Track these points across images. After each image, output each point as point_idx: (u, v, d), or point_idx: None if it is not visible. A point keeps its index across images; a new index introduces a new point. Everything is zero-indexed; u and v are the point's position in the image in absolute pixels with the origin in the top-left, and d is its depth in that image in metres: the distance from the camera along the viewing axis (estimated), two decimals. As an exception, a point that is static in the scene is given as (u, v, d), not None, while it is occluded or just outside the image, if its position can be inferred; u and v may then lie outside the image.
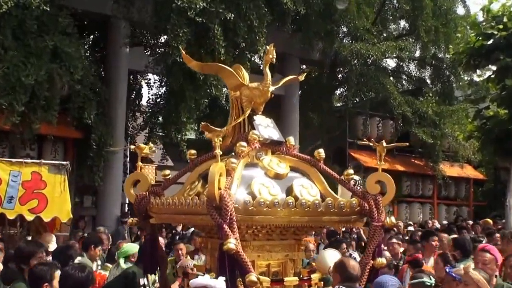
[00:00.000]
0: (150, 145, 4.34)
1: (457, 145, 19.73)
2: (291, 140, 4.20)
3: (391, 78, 19.81)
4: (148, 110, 16.21)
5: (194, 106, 13.37)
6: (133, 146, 4.30)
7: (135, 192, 4.19)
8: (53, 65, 11.65)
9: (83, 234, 11.07)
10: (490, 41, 15.21)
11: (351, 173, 4.03)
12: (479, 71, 17.90)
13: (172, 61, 12.37)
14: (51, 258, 6.46)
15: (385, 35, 19.91)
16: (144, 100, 17.94)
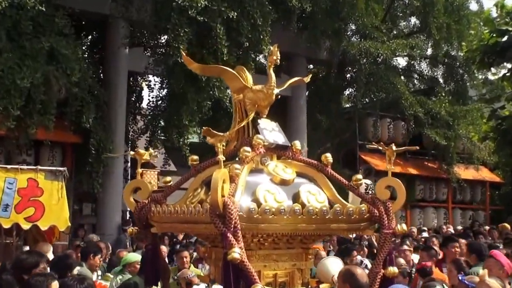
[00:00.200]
0: (150, 151, 4.34)
1: (472, 146, 19.68)
2: (297, 144, 4.20)
3: (402, 77, 19.81)
4: (149, 113, 16.25)
5: (196, 108, 13.40)
6: (133, 152, 4.30)
7: (136, 197, 4.20)
8: (49, 67, 11.71)
9: (80, 243, 11.09)
10: (504, 38, 15.21)
11: (360, 178, 4.02)
12: (494, 69, 17.91)
13: (173, 62, 12.42)
14: (48, 268, 6.48)
15: (395, 32, 19.93)
16: (144, 103, 18.01)
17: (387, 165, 3.98)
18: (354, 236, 11.39)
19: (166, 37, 13.61)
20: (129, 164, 16.45)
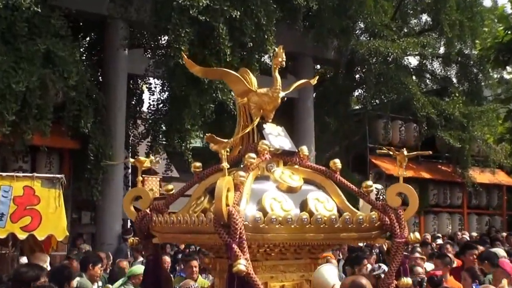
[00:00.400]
0: (151, 158, 4.34)
1: (487, 149, 19.63)
2: (305, 149, 4.18)
3: (413, 77, 19.80)
4: (149, 117, 16.27)
5: (199, 111, 13.41)
6: (133, 159, 4.30)
7: (136, 204, 4.20)
8: (45, 71, 11.74)
9: (75, 253, 11.12)
10: (520, 35, 15.18)
11: (370, 184, 4.00)
12: (509, 68, 17.86)
13: (174, 63, 12.43)
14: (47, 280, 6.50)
15: (405, 30, 19.92)
16: (145, 106, 18.04)
17: (398, 171, 3.96)
18: (364, 243, 11.35)
19: (166, 37, 13.65)
20: (129, 170, 16.46)
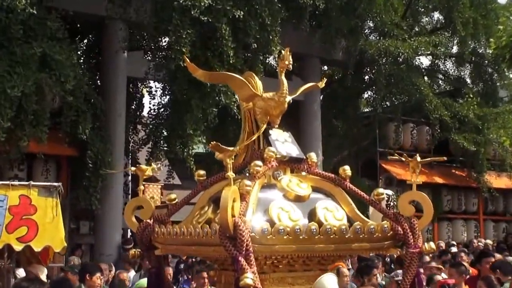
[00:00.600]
0: (153, 166, 4.34)
1: (503, 152, 19.58)
2: (313, 156, 4.18)
3: (425, 78, 19.82)
4: (150, 122, 16.29)
5: (201, 116, 13.42)
6: (134, 168, 4.31)
7: (136, 213, 4.20)
8: (42, 75, 11.77)
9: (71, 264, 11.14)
10: (537, 33, 15.13)
11: (382, 192, 3.99)
12: (526, 67, 17.79)
13: (175, 66, 12.44)
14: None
15: (417, 29, 19.90)
16: (145, 111, 18.08)
17: (411, 178, 3.95)
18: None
19: (167, 39, 13.66)
20: (129, 177, 16.49)
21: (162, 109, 15.58)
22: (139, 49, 16.03)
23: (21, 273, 9.07)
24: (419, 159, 3.98)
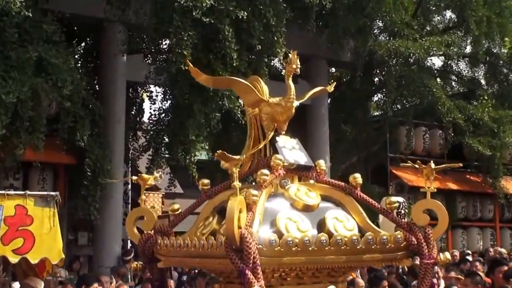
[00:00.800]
0: (155, 175, 4.35)
1: (520, 156, 19.57)
2: (322, 164, 4.17)
3: (437, 79, 19.78)
4: (151, 128, 16.31)
5: (204, 121, 13.40)
6: (135, 177, 4.31)
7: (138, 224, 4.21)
8: (38, 79, 11.77)
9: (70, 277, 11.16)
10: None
11: (395, 201, 3.98)
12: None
13: (176, 69, 12.44)
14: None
15: (428, 29, 19.89)
16: (146, 116, 18.10)
17: (425, 185, 3.95)
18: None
19: (168, 41, 13.68)
20: (129, 186, 16.50)
21: (163, 115, 15.60)
22: (139, 52, 16.06)
23: (17, 286, 9.09)
24: (433, 165, 3.96)
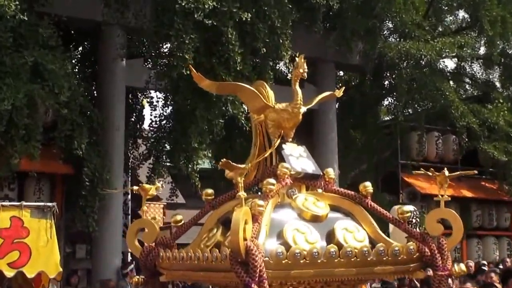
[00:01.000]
0: (157, 185, 4.36)
1: (538, 162, 19.49)
2: (330, 172, 4.17)
3: (450, 82, 19.72)
4: (151, 135, 16.31)
5: (207, 128, 13.40)
6: (136, 187, 4.32)
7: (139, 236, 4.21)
8: (33, 86, 11.79)
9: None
10: None
11: (407, 210, 3.98)
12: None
13: (178, 74, 12.45)
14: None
15: (440, 30, 19.90)
16: (146, 123, 18.10)
17: (439, 194, 3.94)
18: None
19: (169, 45, 13.69)
20: (129, 196, 16.50)
21: (164, 121, 15.62)
22: (139, 56, 16.09)
23: (13, 302, 9.08)
24: (447, 173, 3.96)
